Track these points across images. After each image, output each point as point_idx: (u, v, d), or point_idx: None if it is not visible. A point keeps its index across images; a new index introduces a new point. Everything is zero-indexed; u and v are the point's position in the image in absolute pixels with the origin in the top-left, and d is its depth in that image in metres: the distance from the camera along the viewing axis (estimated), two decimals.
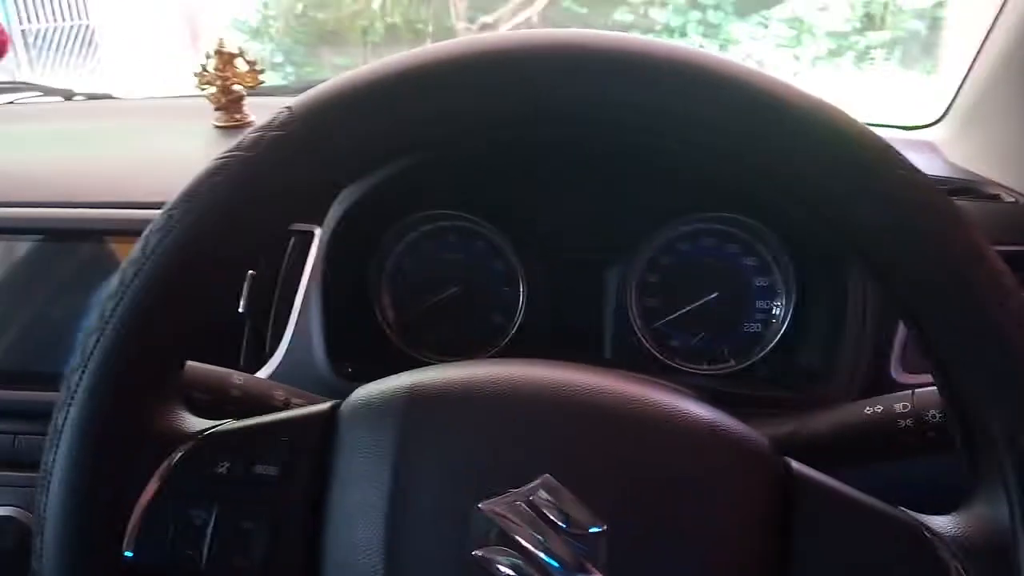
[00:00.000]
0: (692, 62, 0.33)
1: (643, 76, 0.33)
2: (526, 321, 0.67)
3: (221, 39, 0.84)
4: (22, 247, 0.66)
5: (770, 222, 0.63)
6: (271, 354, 0.61)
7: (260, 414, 0.39)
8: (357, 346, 0.63)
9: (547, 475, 0.33)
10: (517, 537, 0.32)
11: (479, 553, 0.32)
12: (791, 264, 0.63)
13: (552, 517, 0.32)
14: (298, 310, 0.61)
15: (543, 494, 0.33)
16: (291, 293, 0.61)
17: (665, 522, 0.32)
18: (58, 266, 0.66)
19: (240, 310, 0.61)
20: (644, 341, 0.65)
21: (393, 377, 0.37)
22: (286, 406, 0.46)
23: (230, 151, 0.35)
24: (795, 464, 0.34)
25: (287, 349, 0.60)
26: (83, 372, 0.34)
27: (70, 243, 0.65)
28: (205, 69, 0.84)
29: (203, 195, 0.35)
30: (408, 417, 0.35)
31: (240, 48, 0.84)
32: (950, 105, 0.80)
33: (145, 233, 0.35)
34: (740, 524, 0.33)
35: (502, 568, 0.32)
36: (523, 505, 0.32)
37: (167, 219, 0.35)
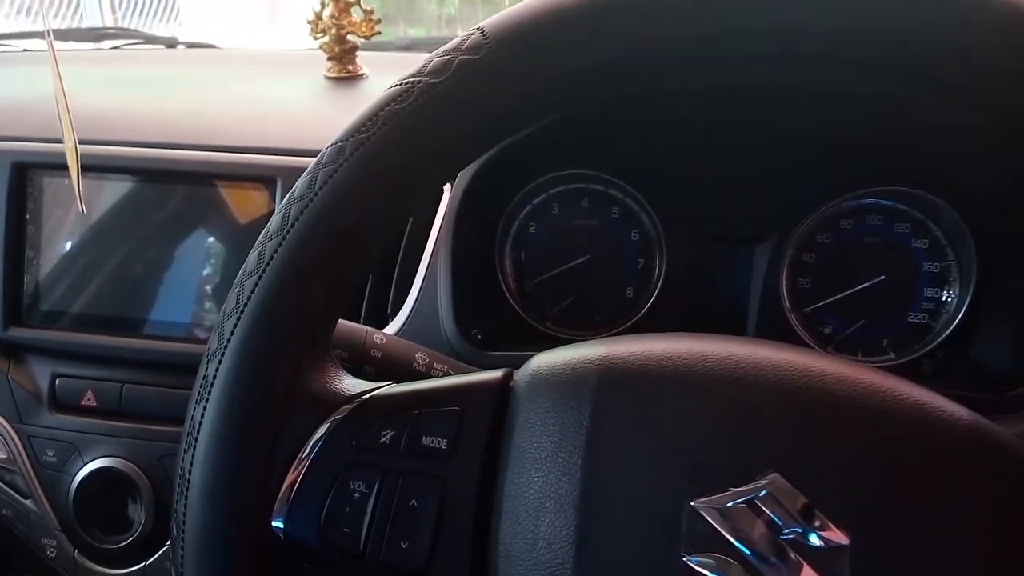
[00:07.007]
0: None
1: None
2: (661, 296, 0.61)
3: None
4: (131, 188, 0.63)
5: (949, 197, 0.56)
6: (394, 314, 0.57)
7: (399, 378, 0.35)
8: (480, 312, 0.58)
9: (775, 474, 0.28)
10: (738, 544, 0.27)
11: (690, 560, 0.27)
12: (972, 246, 0.56)
13: (781, 524, 0.27)
14: (424, 269, 0.56)
15: (771, 496, 0.27)
16: (417, 251, 0.57)
17: (920, 538, 0.27)
18: (165, 209, 0.63)
19: None
20: (794, 326, 0.59)
21: (576, 346, 0.32)
22: (427, 371, 0.42)
23: (412, 76, 0.31)
24: None
25: (411, 309, 0.56)
26: (238, 318, 0.30)
27: (176, 185, 0.62)
28: (320, 17, 0.80)
29: (381, 125, 0.30)
30: (602, 394, 0.30)
31: None
32: None
33: (312, 167, 0.31)
34: (1004, 541, 0.27)
35: None
36: (746, 507, 0.27)
37: (337, 152, 0.31)
